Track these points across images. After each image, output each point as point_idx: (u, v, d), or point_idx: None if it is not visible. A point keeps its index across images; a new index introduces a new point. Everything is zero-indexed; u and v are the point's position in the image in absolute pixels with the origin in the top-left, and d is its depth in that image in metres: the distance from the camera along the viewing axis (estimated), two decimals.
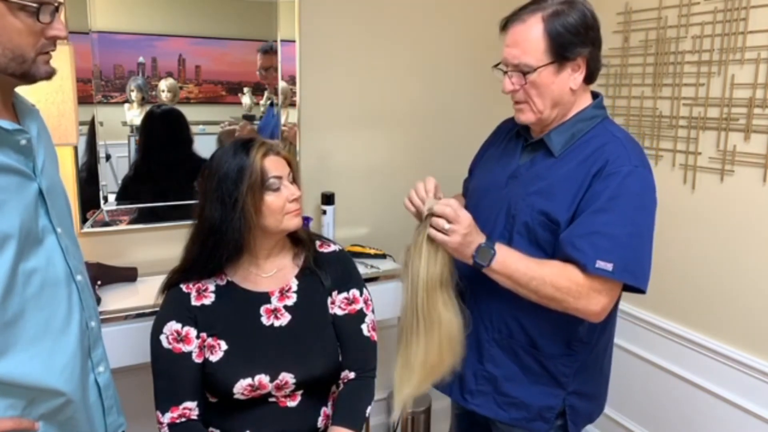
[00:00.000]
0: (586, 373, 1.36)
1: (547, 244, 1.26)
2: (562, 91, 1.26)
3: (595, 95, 1.34)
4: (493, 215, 1.33)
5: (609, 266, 1.17)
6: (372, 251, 2.18)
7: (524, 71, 1.24)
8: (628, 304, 2.24)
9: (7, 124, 0.97)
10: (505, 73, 1.27)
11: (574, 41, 1.23)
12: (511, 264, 1.21)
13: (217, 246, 1.27)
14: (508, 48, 1.26)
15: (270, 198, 1.28)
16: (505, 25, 1.28)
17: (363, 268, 2.04)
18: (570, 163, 1.27)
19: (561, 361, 1.33)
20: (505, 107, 1.69)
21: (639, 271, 1.20)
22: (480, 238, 1.22)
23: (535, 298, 1.23)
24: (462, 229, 1.19)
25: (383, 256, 2.18)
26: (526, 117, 1.30)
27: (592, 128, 1.29)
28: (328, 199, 2.16)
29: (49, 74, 1.01)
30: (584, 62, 1.26)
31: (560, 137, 1.30)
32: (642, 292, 1.22)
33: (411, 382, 1.29)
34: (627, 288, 1.24)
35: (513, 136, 1.42)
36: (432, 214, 1.22)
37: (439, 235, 1.21)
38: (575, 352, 1.33)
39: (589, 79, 1.29)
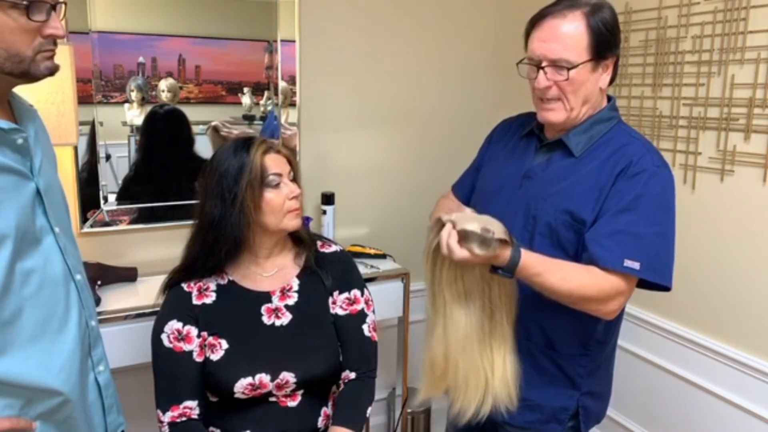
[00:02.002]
0: (598, 373, 1.36)
1: (570, 245, 1.25)
2: (594, 90, 1.26)
3: (608, 98, 1.34)
4: (508, 216, 1.27)
5: (636, 265, 1.17)
6: (372, 251, 2.18)
7: (565, 67, 1.21)
8: (627, 303, 2.24)
9: (4, 124, 0.96)
10: (540, 68, 1.23)
11: (611, 40, 1.23)
12: (535, 281, 1.18)
13: (217, 242, 1.27)
14: (545, 43, 1.22)
15: (269, 195, 1.29)
16: (539, 19, 1.25)
17: (363, 268, 2.04)
18: (592, 162, 1.26)
19: (577, 361, 1.32)
20: (506, 107, 1.69)
21: (665, 269, 1.21)
22: (502, 258, 1.14)
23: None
24: (478, 262, 1.15)
25: (383, 256, 2.18)
26: (557, 116, 1.26)
27: (609, 129, 1.29)
28: (328, 199, 2.16)
29: (51, 71, 0.99)
30: (612, 63, 1.26)
31: (579, 138, 1.28)
32: (667, 289, 1.22)
33: (423, 386, 1.30)
34: (650, 287, 1.24)
35: (523, 136, 1.40)
36: (453, 226, 1.14)
37: (461, 255, 1.13)
38: (591, 352, 1.33)
39: (610, 81, 1.29)
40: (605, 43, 1.22)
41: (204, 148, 2.02)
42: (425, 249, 1.24)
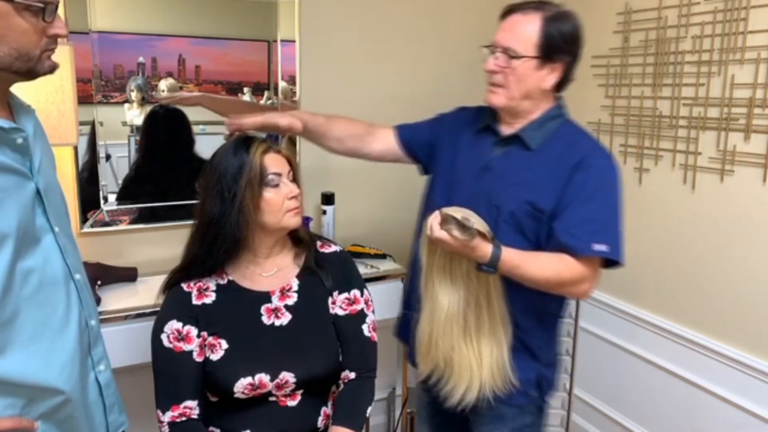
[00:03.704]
0: (552, 344, 1.51)
1: (530, 232, 1.37)
2: (535, 87, 1.38)
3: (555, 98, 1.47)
4: (471, 205, 1.33)
5: (604, 247, 1.30)
6: (372, 251, 2.18)
7: (511, 55, 1.35)
8: (628, 303, 2.25)
9: (4, 123, 0.97)
10: (493, 53, 1.39)
11: (562, 48, 1.36)
12: (515, 273, 1.28)
13: (216, 241, 1.27)
14: (503, 32, 1.38)
15: (269, 194, 1.29)
16: (507, 13, 1.40)
17: (363, 268, 2.04)
18: (549, 156, 1.38)
19: (536, 334, 1.44)
20: None
21: (622, 248, 1.34)
22: (481, 251, 1.24)
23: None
24: (456, 246, 1.24)
25: (383, 256, 2.18)
26: (498, 100, 1.40)
27: (559, 126, 1.43)
28: (328, 199, 2.16)
29: (53, 68, 1.02)
30: (561, 68, 1.38)
31: (535, 133, 1.41)
32: (619, 264, 1.34)
33: (418, 363, 1.42)
34: (605, 264, 1.36)
35: (480, 130, 1.50)
36: (441, 215, 1.24)
37: (439, 234, 1.24)
38: (547, 325, 1.47)
39: (559, 86, 1.42)
40: (555, 47, 1.35)
41: (204, 148, 2.02)
42: (423, 237, 1.33)
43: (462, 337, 1.34)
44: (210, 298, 1.34)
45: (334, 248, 1.49)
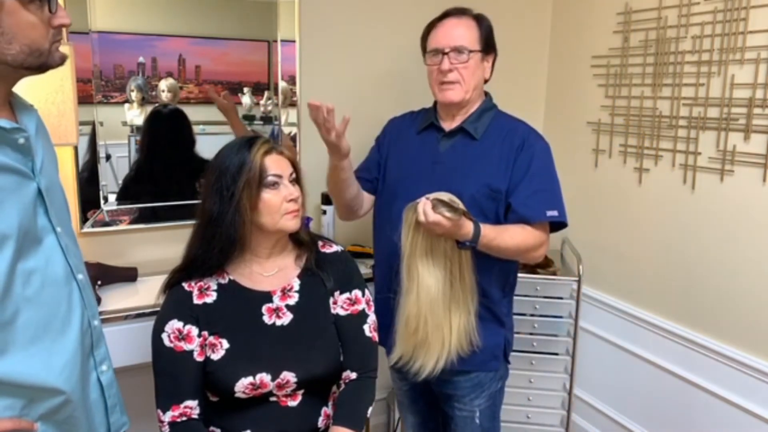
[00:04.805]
0: (511, 312, 1.69)
1: (490, 212, 1.53)
2: (481, 79, 1.59)
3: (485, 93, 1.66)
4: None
5: (555, 213, 1.51)
6: (372, 251, 2.17)
7: (465, 51, 1.52)
8: (628, 303, 2.25)
9: (6, 123, 0.97)
10: (444, 54, 1.53)
11: (492, 42, 1.59)
12: (491, 245, 1.44)
13: (213, 238, 1.27)
14: (447, 35, 1.54)
15: (267, 195, 1.29)
16: (440, 20, 1.58)
17: (363, 268, 2.04)
18: (493, 143, 1.56)
19: (501, 303, 1.62)
20: (504, 106, 1.69)
21: (565, 211, 1.55)
22: (466, 229, 1.39)
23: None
24: (449, 227, 1.36)
25: None
26: (456, 95, 1.55)
27: (494, 116, 1.61)
28: (328, 199, 2.16)
29: (63, 60, 1.02)
30: (492, 61, 1.61)
31: (475, 125, 1.58)
32: (565, 225, 1.56)
33: (398, 343, 1.51)
34: (553, 227, 1.56)
35: (421, 131, 1.66)
36: (430, 200, 1.36)
37: (434, 218, 1.35)
38: (508, 295, 1.65)
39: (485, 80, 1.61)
40: (490, 41, 1.58)
41: (204, 148, 2.02)
42: (405, 225, 1.45)
43: (445, 311, 1.47)
44: (211, 297, 1.34)
45: (335, 248, 1.49)
